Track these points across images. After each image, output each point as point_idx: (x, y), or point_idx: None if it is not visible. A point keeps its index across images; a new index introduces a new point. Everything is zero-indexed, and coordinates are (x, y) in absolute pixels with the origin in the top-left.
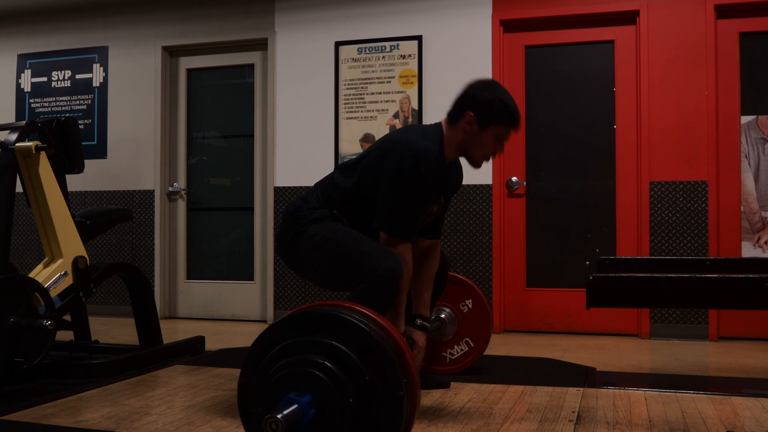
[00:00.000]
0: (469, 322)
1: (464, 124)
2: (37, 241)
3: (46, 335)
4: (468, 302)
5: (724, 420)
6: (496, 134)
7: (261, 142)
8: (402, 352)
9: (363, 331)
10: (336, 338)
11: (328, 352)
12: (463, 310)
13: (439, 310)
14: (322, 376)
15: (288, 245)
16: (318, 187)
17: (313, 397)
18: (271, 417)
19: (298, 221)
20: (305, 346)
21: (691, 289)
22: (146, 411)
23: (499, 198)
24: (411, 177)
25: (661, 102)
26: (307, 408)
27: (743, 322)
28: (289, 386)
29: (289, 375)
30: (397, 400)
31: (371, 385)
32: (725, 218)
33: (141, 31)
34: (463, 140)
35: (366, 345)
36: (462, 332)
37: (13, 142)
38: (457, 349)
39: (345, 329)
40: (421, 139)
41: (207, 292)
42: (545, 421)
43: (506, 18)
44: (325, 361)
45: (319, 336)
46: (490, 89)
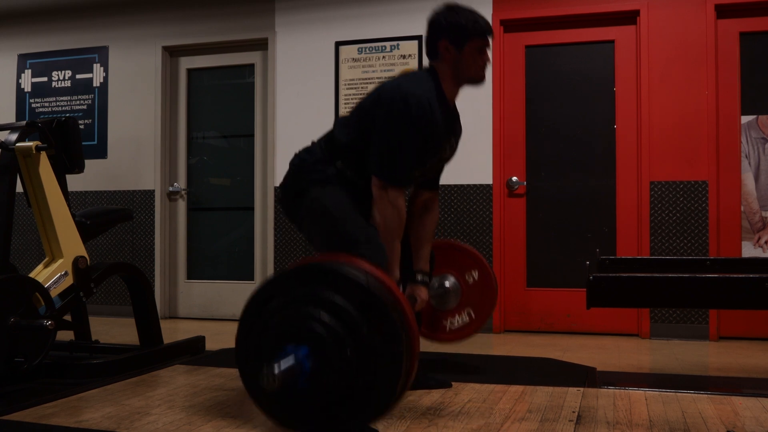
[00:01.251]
0: (474, 294)
1: (443, 53)
2: (37, 241)
3: (46, 335)
4: (474, 273)
5: (724, 420)
6: (475, 48)
7: (261, 142)
8: (401, 307)
9: (362, 286)
10: (335, 292)
11: (327, 306)
12: (469, 280)
13: (444, 278)
14: (320, 329)
15: (291, 200)
16: (322, 139)
17: (311, 349)
18: (268, 368)
19: (303, 176)
20: (303, 299)
21: (691, 289)
22: (147, 411)
23: (500, 198)
24: (403, 121)
25: (662, 102)
26: (304, 360)
27: (743, 322)
28: (287, 338)
29: (286, 327)
30: (396, 354)
31: (369, 338)
32: (725, 218)
33: (141, 31)
34: (452, 69)
35: (365, 299)
36: (465, 303)
37: (13, 142)
38: (458, 319)
39: (344, 283)
40: (412, 83)
41: (207, 292)
42: (545, 421)
43: (506, 18)
44: (322, 314)
45: (318, 289)
46: (451, 11)
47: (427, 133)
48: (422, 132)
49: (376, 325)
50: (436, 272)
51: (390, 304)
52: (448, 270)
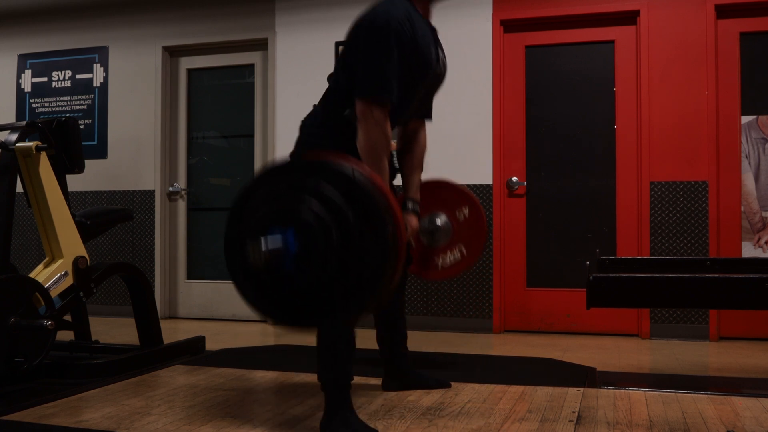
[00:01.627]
0: (464, 230)
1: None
2: (37, 241)
3: (46, 335)
4: (465, 210)
5: (724, 420)
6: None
7: (261, 142)
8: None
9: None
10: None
11: (313, 193)
12: (459, 217)
13: (434, 216)
14: (306, 213)
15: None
16: (321, 99)
17: (297, 232)
18: (254, 242)
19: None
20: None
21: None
22: (147, 411)
23: (500, 198)
24: (378, 35)
25: (662, 102)
26: (290, 239)
27: (743, 322)
28: (273, 221)
29: (273, 212)
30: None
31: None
32: (725, 218)
33: (141, 31)
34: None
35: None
36: (456, 240)
37: (13, 143)
38: (449, 256)
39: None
40: (384, 4)
41: (207, 292)
42: (545, 422)
43: (506, 18)
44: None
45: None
46: None
47: (409, 46)
48: (403, 44)
49: (362, 213)
50: (426, 210)
51: (376, 194)
52: (438, 208)
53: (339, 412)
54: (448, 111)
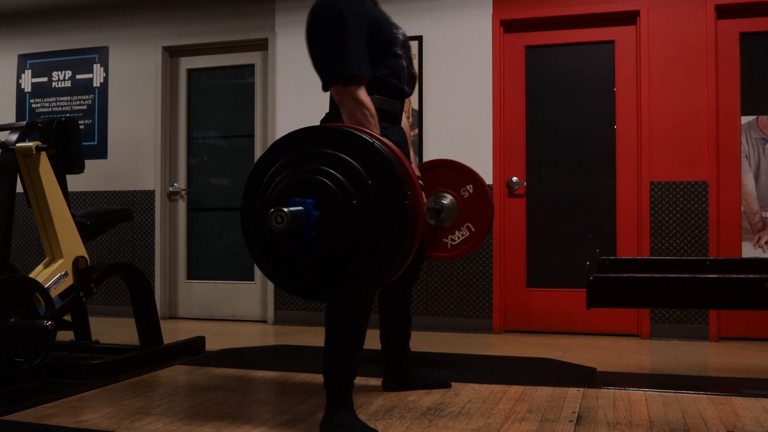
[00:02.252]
0: (471, 207)
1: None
2: (37, 242)
3: (46, 335)
4: (469, 187)
5: (724, 420)
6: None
7: (261, 142)
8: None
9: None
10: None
11: (331, 161)
12: (464, 195)
13: (440, 196)
14: (325, 180)
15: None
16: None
17: (316, 200)
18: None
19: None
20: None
21: (691, 290)
22: (147, 411)
23: (500, 198)
24: (334, 16)
25: (662, 102)
26: (311, 209)
27: (743, 323)
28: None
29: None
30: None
31: (375, 190)
32: (725, 218)
33: (141, 31)
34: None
35: (370, 157)
36: (463, 217)
37: (13, 143)
38: (458, 235)
39: (350, 142)
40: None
41: (207, 293)
42: (545, 422)
43: (506, 18)
44: (328, 168)
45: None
46: None
47: (363, 14)
48: (357, 14)
49: (381, 181)
50: (431, 191)
51: (395, 162)
52: (443, 188)
53: (339, 412)
54: (448, 111)
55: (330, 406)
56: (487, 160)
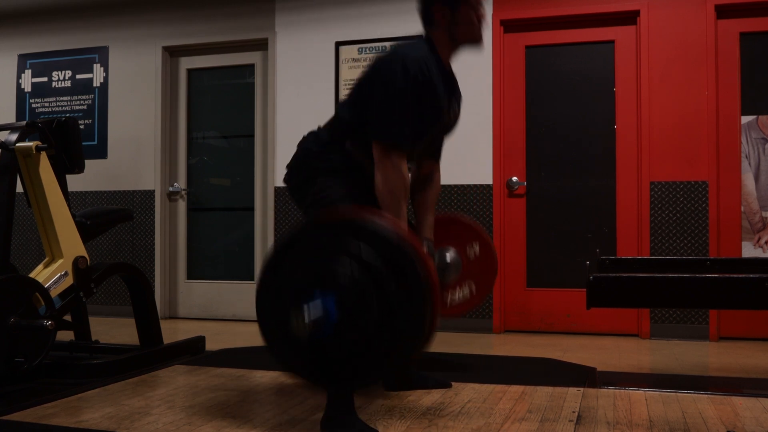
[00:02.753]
0: (474, 268)
1: (438, 19)
2: (37, 241)
3: (46, 335)
4: (475, 247)
5: (724, 420)
6: (469, 7)
7: (261, 142)
8: (426, 266)
9: (392, 243)
10: (363, 243)
11: (355, 257)
12: (470, 254)
13: (445, 251)
14: (349, 279)
15: (297, 185)
16: (327, 124)
17: (338, 299)
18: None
19: (310, 163)
20: (332, 248)
21: (691, 289)
22: (147, 411)
23: (500, 198)
24: (400, 81)
25: (662, 102)
26: (331, 306)
27: (743, 322)
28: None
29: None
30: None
31: (396, 294)
32: (725, 218)
33: (141, 31)
34: (448, 33)
35: (393, 254)
36: (466, 276)
37: (13, 143)
38: (459, 293)
39: (374, 238)
40: (407, 47)
41: (207, 292)
42: (546, 421)
43: (506, 18)
44: (351, 265)
45: (346, 240)
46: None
47: (425, 92)
48: (420, 90)
49: (402, 282)
50: (437, 246)
51: (417, 260)
52: (449, 243)
53: (339, 412)
54: None
55: (330, 406)
56: (487, 159)
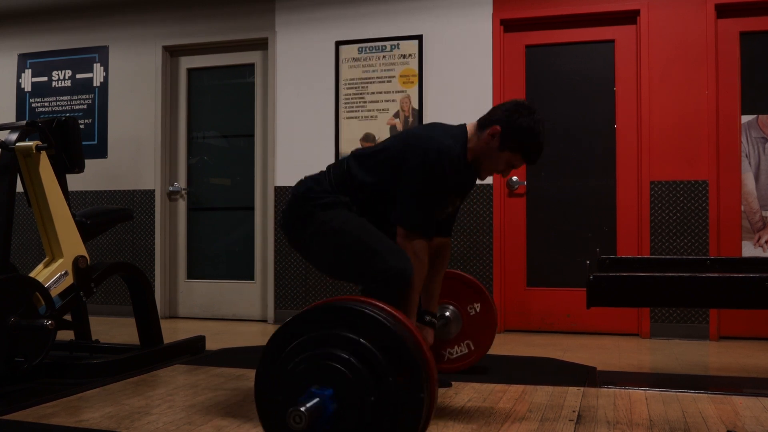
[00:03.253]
0: (474, 326)
1: (487, 135)
2: (37, 241)
3: (46, 335)
4: (476, 306)
5: (724, 420)
6: (511, 159)
7: (261, 141)
8: (423, 352)
9: (387, 329)
10: (360, 334)
11: (352, 348)
12: (470, 312)
13: (445, 308)
14: (346, 372)
15: (295, 225)
16: (330, 171)
17: (335, 392)
18: (295, 410)
19: (309, 202)
20: (328, 339)
21: (691, 289)
22: (147, 410)
23: (500, 198)
24: (434, 173)
25: (662, 101)
26: (328, 402)
27: (744, 322)
28: (312, 379)
29: (311, 368)
30: (418, 401)
31: (393, 384)
32: (726, 218)
33: (141, 30)
34: (480, 149)
35: (389, 343)
36: (465, 334)
37: (13, 142)
38: (457, 350)
39: (369, 325)
40: (446, 137)
41: (207, 292)
42: (546, 421)
43: (507, 17)
44: (349, 357)
45: (343, 330)
46: (530, 117)
47: (447, 181)
48: (448, 186)
49: (400, 372)
50: (439, 302)
51: (414, 350)
52: (450, 300)
53: None
54: (448, 110)
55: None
56: None
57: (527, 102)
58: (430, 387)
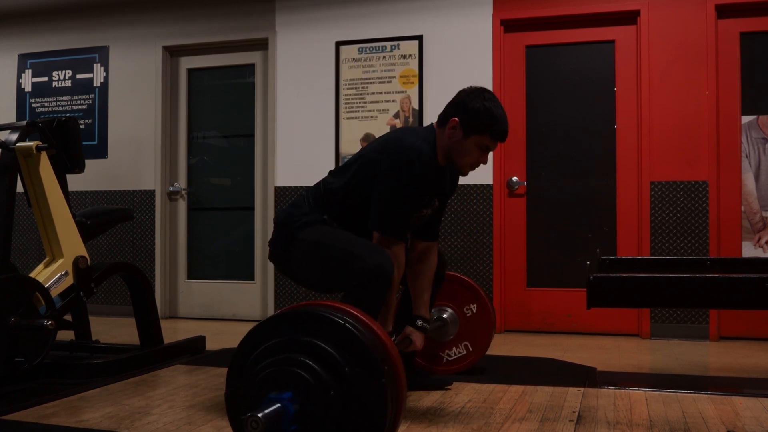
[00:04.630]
0: (471, 327)
1: (449, 129)
2: (37, 241)
3: (46, 335)
4: (473, 306)
5: (724, 420)
6: (479, 143)
7: (261, 141)
8: (381, 341)
9: (339, 325)
10: (314, 335)
11: (307, 349)
12: (467, 313)
13: (442, 310)
14: (301, 372)
15: (280, 253)
16: (309, 192)
17: (294, 393)
18: (252, 416)
19: (289, 226)
20: (285, 345)
21: (691, 289)
22: (147, 411)
23: (500, 198)
24: (405, 177)
25: (662, 102)
26: (288, 404)
27: (744, 322)
28: (270, 386)
29: (269, 375)
30: (380, 387)
31: (352, 376)
32: (726, 218)
33: (142, 30)
34: (447, 145)
35: (343, 338)
36: (462, 335)
37: (13, 142)
38: (455, 351)
39: (322, 325)
40: (414, 139)
41: (207, 292)
42: (546, 421)
43: (507, 18)
44: (304, 358)
45: (298, 335)
46: (480, 98)
47: (420, 186)
48: (420, 188)
49: (357, 363)
50: (435, 304)
51: (369, 340)
52: (448, 302)
53: None
54: None
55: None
56: (488, 159)
57: (473, 87)
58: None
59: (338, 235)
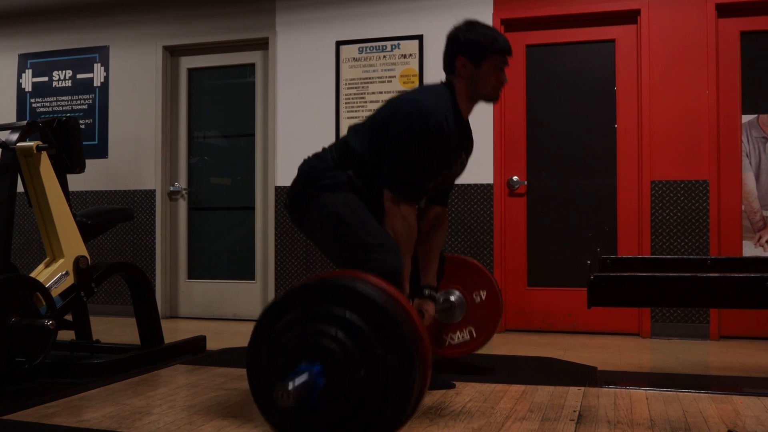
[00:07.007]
0: (478, 313)
1: (459, 69)
2: (38, 241)
3: (47, 335)
4: (482, 293)
5: (725, 419)
6: (492, 66)
7: (262, 141)
8: (415, 326)
9: (379, 306)
10: (350, 310)
11: (341, 324)
12: (476, 299)
13: (450, 292)
14: (334, 347)
15: (299, 207)
16: (333, 147)
17: (323, 367)
18: (283, 386)
19: (312, 182)
20: (318, 316)
21: (692, 289)
22: (148, 410)
23: (500, 197)
24: (419, 137)
25: (662, 101)
26: (317, 378)
27: (744, 322)
28: (300, 356)
29: (300, 344)
30: (409, 378)
31: (383, 359)
32: (726, 217)
33: (142, 30)
34: (467, 86)
35: (381, 320)
36: (468, 320)
37: (14, 142)
38: (459, 336)
39: (360, 302)
40: (430, 99)
41: (208, 292)
42: (546, 421)
43: (507, 17)
44: (337, 332)
45: (333, 306)
46: (471, 28)
47: (440, 148)
48: (436, 148)
49: (389, 346)
50: (445, 286)
51: (404, 323)
52: (457, 285)
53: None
54: None
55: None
56: (488, 159)
57: (456, 25)
58: (423, 366)
59: (358, 213)
